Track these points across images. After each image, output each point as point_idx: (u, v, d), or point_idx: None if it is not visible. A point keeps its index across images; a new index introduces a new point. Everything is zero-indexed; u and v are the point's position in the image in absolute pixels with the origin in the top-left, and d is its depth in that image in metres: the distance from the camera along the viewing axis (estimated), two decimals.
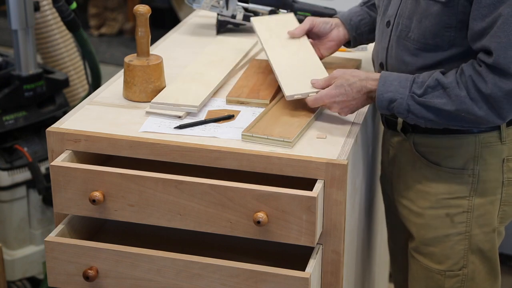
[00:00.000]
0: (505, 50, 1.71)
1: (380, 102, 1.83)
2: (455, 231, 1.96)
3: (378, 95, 1.82)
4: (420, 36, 1.84)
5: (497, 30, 1.72)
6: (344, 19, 2.12)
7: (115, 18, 5.95)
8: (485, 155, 1.91)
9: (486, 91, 1.74)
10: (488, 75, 1.74)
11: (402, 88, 1.81)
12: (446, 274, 1.99)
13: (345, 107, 1.86)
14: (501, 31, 1.71)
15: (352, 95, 1.84)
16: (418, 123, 1.84)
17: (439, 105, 1.78)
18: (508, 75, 1.72)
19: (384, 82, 1.82)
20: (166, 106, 1.91)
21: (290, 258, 1.87)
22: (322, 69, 1.98)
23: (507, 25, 1.71)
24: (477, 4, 1.74)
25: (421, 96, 1.79)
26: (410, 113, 1.81)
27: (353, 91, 1.84)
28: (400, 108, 1.81)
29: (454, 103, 1.77)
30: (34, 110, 2.91)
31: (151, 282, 1.76)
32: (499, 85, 1.73)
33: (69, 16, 2.80)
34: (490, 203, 1.94)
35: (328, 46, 2.12)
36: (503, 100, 1.74)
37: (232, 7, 2.42)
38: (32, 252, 2.96)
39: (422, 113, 1.80)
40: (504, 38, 1.71)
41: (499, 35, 1.72)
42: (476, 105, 1.76)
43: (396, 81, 1.82)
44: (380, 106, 1.84)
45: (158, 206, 1.75)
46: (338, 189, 1.72)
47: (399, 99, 1.81)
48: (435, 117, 1.80)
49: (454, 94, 1.77)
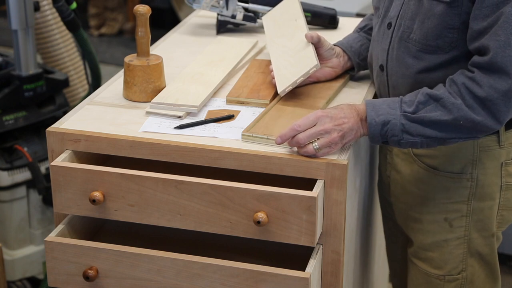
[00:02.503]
0: (504, 48, 1.69)
1: (373, 128, 1.76)
2: (454, 236, 1.95)
3: (370, 121, 1.76)
4: (421, 37, 1.83)
5: (497, 29, 1.70)
6: (344, 47, 2.08)
7: (115, 18, 5.95)
8: (484, 159, 1.90)
9: (481, 94, 1.71)
10: (483, 79, 1.71)
11: (392, 110, 1.76)
12: (445, 278, 1.99)
13: (338, 125, 1.74)
14: (501, 30, 1.70)
15: (343, 111, 1.76)
16: (413, 145, 1.77)
17: (435, 117, 1.74)
18: (503, 75, 1.70)
19: (372, 107, 1.77)
20: (166, 106, 1.91)
21: (290, 258, 1.87)
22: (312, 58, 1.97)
23: (507, 24, 1.69)
24: (480, 4, 1.72)
25: (414, 113, 1.75)
26: (405, 132, 1.75)
27: (344, 108, 1.77)
28: (395, 129, 1.75)
29: (451, 112, 1.73)
30: (34, 110, 2.91)
31: (151, 282, 1.76)
32: (495, 87, 1.70)
33: (69, 16, 2.80)
34: (488, 207, 1.93)
35: (326, 71, 2.05)
36: (499, 101, 1.71)
37: (232, 7, 2.43)
38: (32, 252, 2.96)
39: (418, 130, 1.75)
40: (504, 37, 1.69)
41: (499, 33, 1.70)
42: (473, 112, 1.72)
43: (384, 104, 1.77)
44: (373, 133, 1.76)
45: (158, 206, 1.75)
46: (338, 189, 1.72)
47: (393, 120, 1.75)
48: (432, 132, 1.75)
49: (450, 103, 1.73)
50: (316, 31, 2.32)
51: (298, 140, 1.72)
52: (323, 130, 1.73)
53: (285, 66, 2.01)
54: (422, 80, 1.84)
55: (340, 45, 2.09)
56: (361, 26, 2.15)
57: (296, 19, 2.15)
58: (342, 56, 2.07)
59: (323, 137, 1.73)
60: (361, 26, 2.15)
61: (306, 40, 2.02)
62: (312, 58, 1.95)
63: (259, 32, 2.46)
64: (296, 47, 2.04)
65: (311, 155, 1.73)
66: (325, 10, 2.48)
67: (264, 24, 2.27)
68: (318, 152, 1.72)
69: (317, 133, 1.73)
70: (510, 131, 1.89)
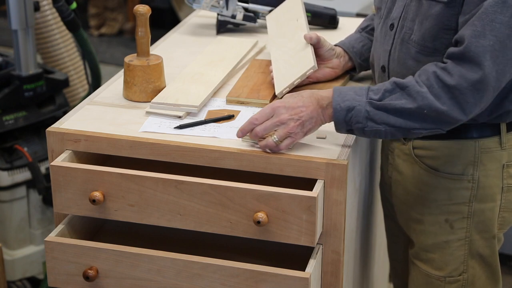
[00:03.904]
0: (478, 38, 1.68)
1: (338, 113, 1.73)
2: (455, 237, 1.95)
3: (335, 106, 1.73)
4: (420, 39, 1.83)
5: (474, 19, 1.69)
6: (346, 47, 2.08)
7: (115, 18, 5.95)
8: (485, 161, 1.89)
9: (450, 82, 1.69)
10: (454, 68, 1.70)
11: (358, 96, 1.74)
12: (446, 280, 1.98)
13: (295, 114, 1.72)
14: (478, 20, 1.69)
15: (301, 100, 1.75)
16: (377, 135, 1.75)
17: (399, 105, 1.72)
18: (475, 66, 1.68)
19: (339, 93, 1.75)
20: (166, 106, 1.91)
21: (290, 258, 1.87)
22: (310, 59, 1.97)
23: (485, 15, 1.68)
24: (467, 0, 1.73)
25: (379, 101, 1.73)
26: (370, 120, 1.73)
27: (303, 96, 1.76)
28: (359, 116, 1.73)
29: (415, 100, 1.71)
30: (34, 110, 2.91)
31: (151, 282, 1.76)
32: (465, 76, 1.69)
33: (69, 16, 2.80)
34: (489, 209, 1.93)
35: (326, 72, 2.05)
36: (467, 92, 1.69)
37: (232, 7, 2.43)
38: (32, 252, 2.96)
39: (383, 118, 1.73)
40: (480, 27, 1.68)
41: (475, 23, 1.69)
42: (438, 100, 1.70)
43: (351, 91, 1.76)
44: (338, 118, 1.73)
45: (158, 206, 1.75)
46: (338, 189, 1.72)
47: (358, 106, 1.73)
48: (396, 120, 1.73)
49: (415, 91, 1.71)
50: (316, 31, 2.33)
51: (256, 133, 1.73)
52: (279, 121, 1.72)
53: (284, 66, 2.01)
54: None
55: (341, 45, 2.09)
56: (363, 26, 2.15)
57: (297, 19, 2.15)
58: (343, 56, 2.07)
59: (280, 128, 1.72)
60: (363, 26, 2.15)
61: (305, 41, 2.02)
62: (309, 59, 1.95)
63: (259, 32, 2.46)
64: (295, 47, 2.04)
65: (274, 148, 1.73)
66: (325, 10, 2.48)
67: (267, 23, 2.27)
68: (280, 145, 1.72)
69: (273, 125, 1.72)
70: (511, 132, 1.89)
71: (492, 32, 1.68)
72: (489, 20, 1.69)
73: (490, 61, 1.68)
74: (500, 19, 1.68)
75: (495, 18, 1.68)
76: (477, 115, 1.83)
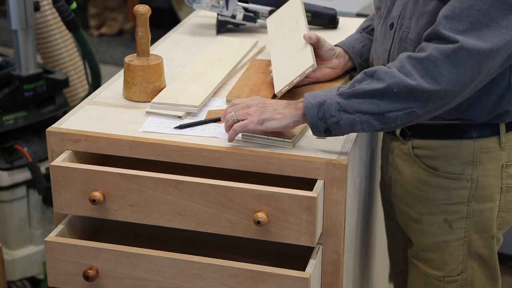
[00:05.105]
0: (453, 20, 1.68)
1: (310, 111, 1.71)
2: (454, 237, 1.95)
3: (306, 104, 1.72)
4: (416, 36, 1.83)
5: (454, 1, 1.69)
6: (346, 47, 2.08)
7: (115, 18, 5.95)
8: (484, 161, 1.89)
9: (423, 55, 1.67)
10: (428, 45, 1.69)
11: (329, 92, 1.74)
12: (445, 280, 1.98)
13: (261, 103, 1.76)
14: (458, 2, 1.68)
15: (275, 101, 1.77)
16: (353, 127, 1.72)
17: (368, 88, 1.69)
18: (448, 42, 1.67)
19: (310, 93, 1.75)
20: (166, 106, 1.91)
21: (290, 258, 1.87)
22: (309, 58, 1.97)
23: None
24: None
25: (348, 89, 1.72)
26: (342, 111, 1.70)
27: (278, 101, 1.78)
28: (331, 109, 1.71)
29: (384, 80, 1.69)
30: (34, 110, 2.91)
31: (151, 282, 1.76)
32: (439, 48, 1.67)
33: (69, 16, 2.80)
34: (488, 209, 1.93)
35: (326, 72, 2.05)
36: (442, 63, 1.66)
37: (232, 7, 2.43)
38: (32, 252, 2.96)
39: (354, 107, 1.70)
40: (458, 10, 1.68)
41: (455, 5, 1.69)
42: (408, 77, 1.68)
43: (323, 91, 1.76)
44: (311, 116, 1.71)
45: (158, 206, 1.75)
46: (338, 189, 1.72)
47: (328, 100, 1.71)
48: (369, 106, 1.69)
49: (383, 72, 1.70)
50: (316, 31, 2.33)
51: (225, 111, 1.78)
52: (246, 104, 1.76)
53: (283, 66, 2.01)
54: None
55: (342, 45, 2.09)
56: (364, 27, 2.15)
57: (297, 21, 2.15)
58: (343, 56, 2.07)
59: (242, 109, 1.76)
60: (364, 27, 2.15)
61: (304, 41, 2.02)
62: (309, 58, 1.95)
63: (259, 32, 2.46)
64: (295, 47, 2.04)
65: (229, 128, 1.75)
66: (325, 10, 2.48)
67: (267, 25, 2.28)
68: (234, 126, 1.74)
69: (240, 107, 1.77)
70: (511, 133, 1.89)
71: (468, 18, 1.67)
72: (468, 6, 1.68)
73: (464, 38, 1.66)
74: (479, 7, 1.67)
75: (474, 5, 1.67)
76: (476, 115, 1.84)
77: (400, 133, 1.98)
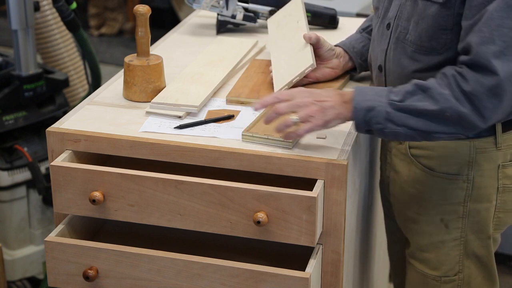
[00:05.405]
0: (486, 44, 1.68)
1: (357, 112, 1.72)
2: (450, 237, 1.95)
3: (355, 105, 1.72)
4: (416, 38, 1.83)
5: (481, 26, 1.69)
6: (346, 47, 2.08)
7: (115, 18, 5.95)
8: (480, 161, 1.89)
9: (467, 88, 1.69)
10: (469, 73, 1.69)
11: (379, 97, 1.73)
12: (441, 280, 1.99)
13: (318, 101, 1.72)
14: (485, 26, 1.68)
15: (326, 91, 1.75)
16: (396, 137, 1.75)
17: (421, 107, 1.71)
18: (488, 71, 1.67)
19: (360, 92, 1.75)
20: (166, 106, 1.91)
21: (290, 258, 1.87)
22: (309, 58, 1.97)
23: (491, 20, 1.67)
24: (469, 4, 1.72)
25: (400, 102, 1.72)
26: (389, 121, 1.72)
27: (328, 90, 1.76)
28: (379, 116, 1.72)
29: (438, 102, 1.70)
30: (34, 110, 2.91)
31: (151, 282, 1.76)
32: (481, 81, 1.68)
33: (69, 16, 2.80)
34: (485, 209, 1.93)
35: (326, 72, 2.05)
36: (485, 97, 1.68)
37: (232, 7, 2.43)
38: (32, 252, 2.96)
39: (402, 120, 1.72)
40: (488, 33, 1.68)
41: (482, 29, 1.68)
42: (460, 103, 1.69)
43: (372, 91, 1.76)
44: (357, 117, 1.73)
45: (158, 206, 1.75)
46: (338, 189, 1.72)
47: (378, 106, 1.72)
48: (417, 123, 1.72)
49: (437, 93, 1.71)
50: (316, 31, 2.33)
51: (277, 109, 1.72)
52: (302, 102, 1.72)
53: (283, 65, 2.01)
54: None
55: (342, 45, 2.09)
56: (364, 27, 2.15)
57: (298, 21, 2.15)
58: (343, 56, 2.07)
59: (302, 110, 1.72)
60: (364, 27, 2.15)
61: (304, 41, 2.02)
62: (308, 58, 1.95)
63: (259, 32, 2.46)
64: (295, 47, 2.04)
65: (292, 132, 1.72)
66: (325, 10, 2.48)
67: (268, 26, 2.28)
68: (298, 130, 1.72)
69: (295, 105, 1.72)
70: (507, 133, 1.89)
71: (500, 37, 1.68)
72: (496, 26, 1.68)
73: (503, 65, 1.67)
74: (507, 24, 1.68)
75: (502, 23, 1.68)
76: None
77: None
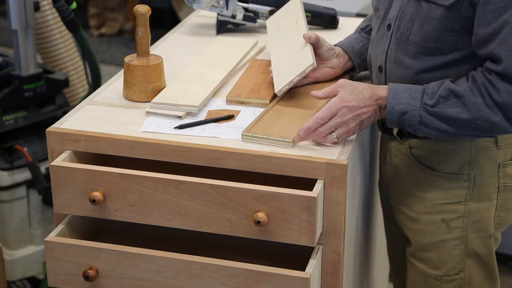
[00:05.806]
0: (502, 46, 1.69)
1: (391, 115, 1.79)
2: (451, 237, 1.95)
3: (389, 108, 1.79)
4: (421, 40, 1.83)
5: (505, 38, 1.70)
6: (345, 47, 2.09)
7: (115, 18, 5.95)
8: (481, 160, 1.90)
9: (498, 99, 1.72)
10: (499, 83, 1.72)
11: (413, 100, 1.78)
12: (443, 279, 1.99)
13: (357, 116, 1.78)
14: (510, 38, 1.69)
15: (363, 100, 1.79)
16: (429, 135, 1.81)
17: (453, 114, 1.75)
18: None
19: (394, 94, 1.79)
20: (166, 106, 1.91)
21: (290, 258, 1.87)
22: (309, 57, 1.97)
23: None
24: (482, 10, 1.72)
25: (433, 107, 1.76)
26: (422, 124, 1.78)
27: (365, 97, 1.79)
28: (412, 120, 1.78)
29: (471, 111, 1.74)
30: (34, 110, 2.91)
31: (151, 282, 1.76)
32: (510, 92, 1.71)
33: (69, 16, 2.80)
34: (486, 208, 1.93)
35: (326, 72, 2.06)
36: None
37: (232, 7, 2.43)
38: (32, 252, 2.96)
39: (435, 124, 1.77)
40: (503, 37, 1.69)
41: (508, 42, 1.70)
42: (492, 112, 1.73)
43: (406, 92, 1.79)
44: (391, 120, 1.80)
45: (158, 206, 1.75)
46: (338, 189, 1.72)
47: (411, 111, 1.77)
48: (449, 127, 1.77)
49: (470, 102, 1.74)
50: (316, 31, 2.33)
51: (319, 133, 1.77)
52: (342, 122, 1.78)
53: (283, 66, 2.01)
54: (421, 80, 1.84)
55: (341, 45, 2.09)
56: (363, 27, 2.15)
57: (297, 21, 2.15)
58: (343, 56, 2.07)
59: (341, 128, 1.78)
60: (363, 27, 2.15)
61: (304, 41, 2.02)
62: (308, 57, 1.95)
63: (259, 32, 2.46)
64: (295, 47, 2.04)
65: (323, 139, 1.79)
66: (325, 10, 2.48)
67: (267, 27, 2.28)
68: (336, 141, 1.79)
69: (336, 125, 1.78)
70: None
71: None
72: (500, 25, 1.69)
73: None
74: None
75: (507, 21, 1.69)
76: None
77: (398, 133, 1.98)
